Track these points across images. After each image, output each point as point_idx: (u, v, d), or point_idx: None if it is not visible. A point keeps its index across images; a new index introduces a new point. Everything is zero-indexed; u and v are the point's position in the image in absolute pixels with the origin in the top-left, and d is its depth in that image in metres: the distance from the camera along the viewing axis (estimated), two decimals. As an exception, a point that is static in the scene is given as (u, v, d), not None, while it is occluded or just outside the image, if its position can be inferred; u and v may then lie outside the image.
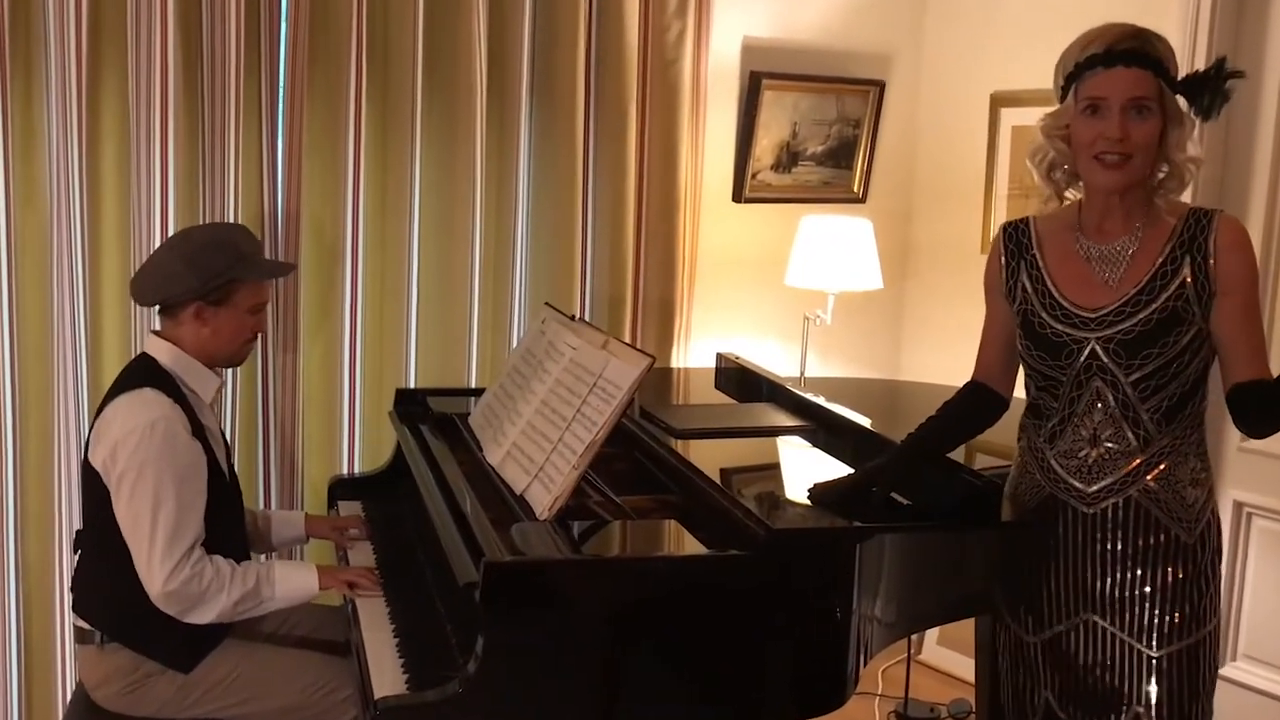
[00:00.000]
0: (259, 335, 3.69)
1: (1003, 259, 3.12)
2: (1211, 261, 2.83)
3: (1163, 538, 2.95)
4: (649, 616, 2.79)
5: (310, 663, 3.54)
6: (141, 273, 3.56)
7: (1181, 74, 2.89)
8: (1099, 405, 2.94)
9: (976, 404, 3.24)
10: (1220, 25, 4.51)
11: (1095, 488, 2.97)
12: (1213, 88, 2.85)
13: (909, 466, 3.16)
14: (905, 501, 3.15)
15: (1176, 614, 2.95)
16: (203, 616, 3.33)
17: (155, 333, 3.54)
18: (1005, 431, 3.26)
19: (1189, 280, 2.84)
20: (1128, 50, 2.80)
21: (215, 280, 3.46)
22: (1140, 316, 2.87)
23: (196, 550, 3.31)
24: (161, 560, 3.26)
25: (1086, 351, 2.93)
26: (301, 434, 4.61)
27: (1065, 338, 2.96)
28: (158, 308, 3.55)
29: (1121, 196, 2.90)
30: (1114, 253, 2.93)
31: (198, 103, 4.26)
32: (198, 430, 3.41)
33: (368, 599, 3.45)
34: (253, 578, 3.39)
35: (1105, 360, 2.91)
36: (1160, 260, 2.88)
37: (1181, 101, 2.88)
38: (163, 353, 3.49)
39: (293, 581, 3.46)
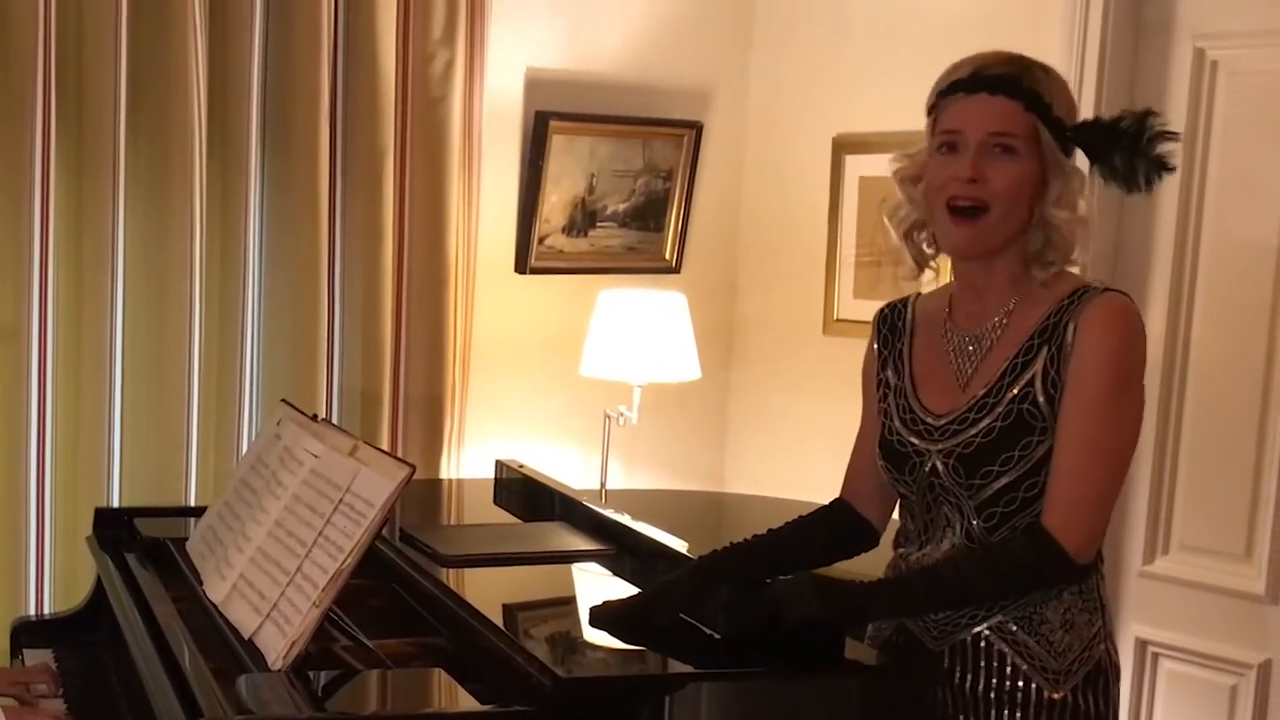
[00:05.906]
0: None
1: (876, 348, 3.11)
2: (1069, 350, 2.74)
3: (1020, 684, 2.84)
4: (410, 789, 2.82)
5: None
6: None
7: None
8: (948, 533, 2.91)
9: (832, 526, 3.18)
10: (1111, 67, 4.49)
11: (941, 616, 2.90)
12: (1130, 146, 2.78)
13: (711, 585, 3.02)
14: (729, 638, 3.19)
15: None
16: None
17: None
18: (867, 561, 3.28)
19: (1039, 376, 2.76)
20: (997, 76, 2.74)
21: None
22: (981, 425, 2.81)
23: None
24: None
25: (928, 467, 2.90)
26: (-28, 567, 4.56)
27: (909, 448, 2.94)
28: None
29: (989, 268, 2.85)
30: (975, 344, 2.89)
31: None
32: None
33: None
34: None
35: (945, 479, 2.87)
36: (1015, 352, 2.80)
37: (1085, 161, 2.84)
38: None
39: None
